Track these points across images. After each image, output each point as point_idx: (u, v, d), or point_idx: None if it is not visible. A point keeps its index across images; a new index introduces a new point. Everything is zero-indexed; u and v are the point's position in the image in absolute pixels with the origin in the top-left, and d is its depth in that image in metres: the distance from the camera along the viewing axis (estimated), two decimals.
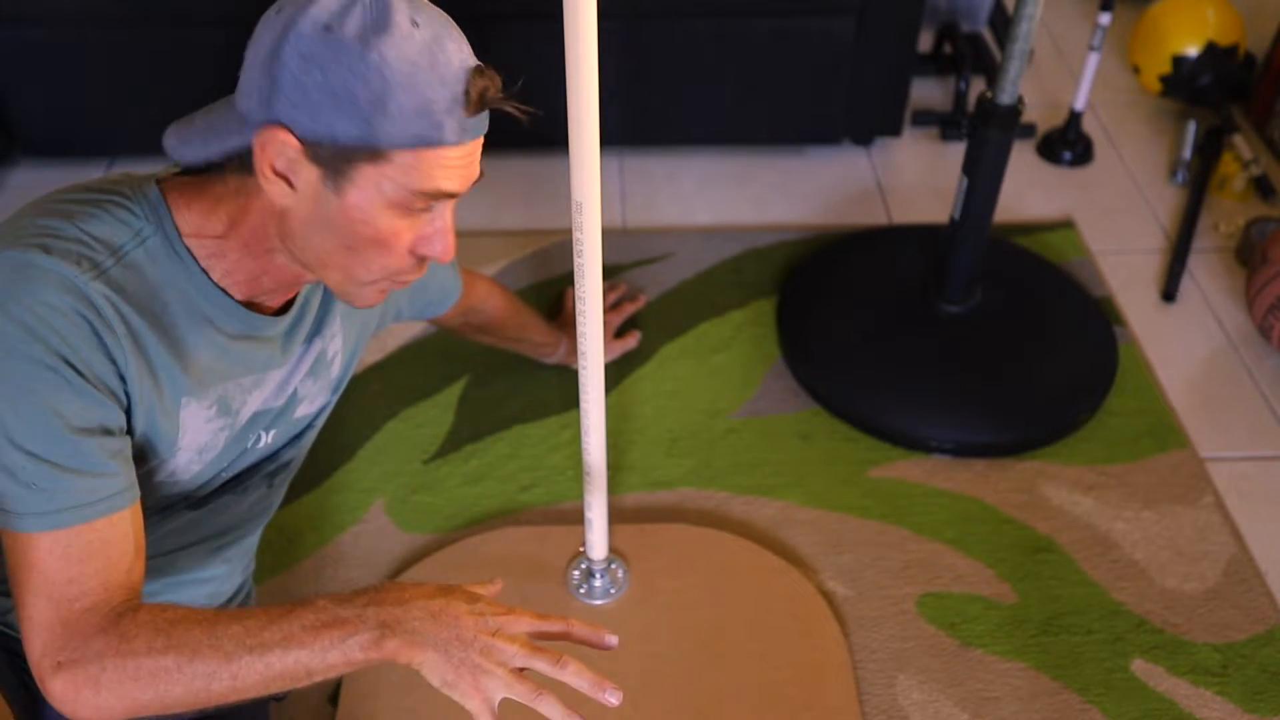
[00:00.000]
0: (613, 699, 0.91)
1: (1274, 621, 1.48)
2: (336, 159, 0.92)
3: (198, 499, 1.09)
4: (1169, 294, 1.97)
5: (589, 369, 1.24)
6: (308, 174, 0.92)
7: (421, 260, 1.00)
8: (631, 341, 1.83)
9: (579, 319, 1.19)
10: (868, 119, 2.22)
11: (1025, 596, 1.51)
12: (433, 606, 0.90)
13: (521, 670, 0.89)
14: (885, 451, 1.69)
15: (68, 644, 0.89)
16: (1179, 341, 1.89)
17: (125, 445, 0.95)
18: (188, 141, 0.96)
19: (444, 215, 0.99)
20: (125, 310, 0.93)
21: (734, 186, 2.22)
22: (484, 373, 1.79)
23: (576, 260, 1.13)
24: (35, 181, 2.15)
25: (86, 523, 0.91)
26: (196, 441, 1.04)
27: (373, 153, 0.91)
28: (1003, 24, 2.49)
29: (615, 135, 1.95)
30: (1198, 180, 2.18)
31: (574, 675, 0.90)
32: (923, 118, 2.37)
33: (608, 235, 1.46)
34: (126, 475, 0.94)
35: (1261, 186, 2.17)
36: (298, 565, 1.53)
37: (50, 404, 0.89)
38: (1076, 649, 1.45)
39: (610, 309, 1.84)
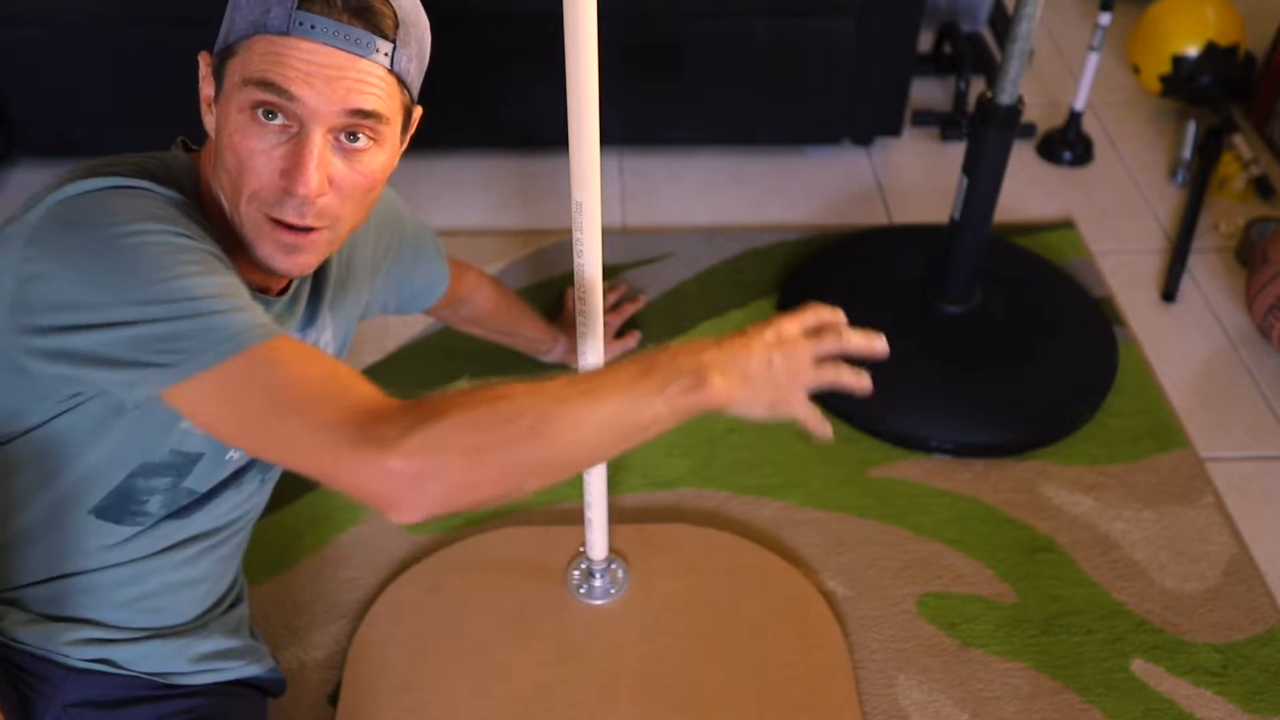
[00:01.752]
0: (881, 346, 1.01)
1: (1274, 621, 1.48)
2: (219, 69, 0.93)
3: (200, 495, 1.09)
4: (1169, 294, 1.97)
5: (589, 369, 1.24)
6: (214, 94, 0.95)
7: (288, 189, 0.92)
8: (631, 342, 1.83)
9: (579, 319, 1.19)
10: (868, 119, 2.22)
11: (1025, 596, 1.50)
12: (723, 351, 0.92)
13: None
14: (885, 451, 1.69)
15: (378, 422, 0.81)
16: (1179, 341, 1.89)
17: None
18: None
19: (305, 141, 0.90)
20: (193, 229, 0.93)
21: (734, 186, 2.22)
22: (484, 373, 1.79)
23: (576, 260, 1.13)
24: (35, 181, 2.15)
25: (282, 335, 0.87)
26: None
27: (229, 50, 0.92)
28: (1003, 24, 2.49)
29: (615, 135, 1.95)
30: (1198, 180, 2.18)
31: (852, 339, 1.00)
32: (923, 118, 2.37)
33: (608, 235, 1.46)
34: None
35: (1261, 186, 2.17)
36: (298, 565, 1.52)
37: (183, 265, 0.87)
38: (1076, 649, 1.45)
39: (610, 309, 1.84)
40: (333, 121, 0.91)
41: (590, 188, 1.07)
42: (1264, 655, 1.44)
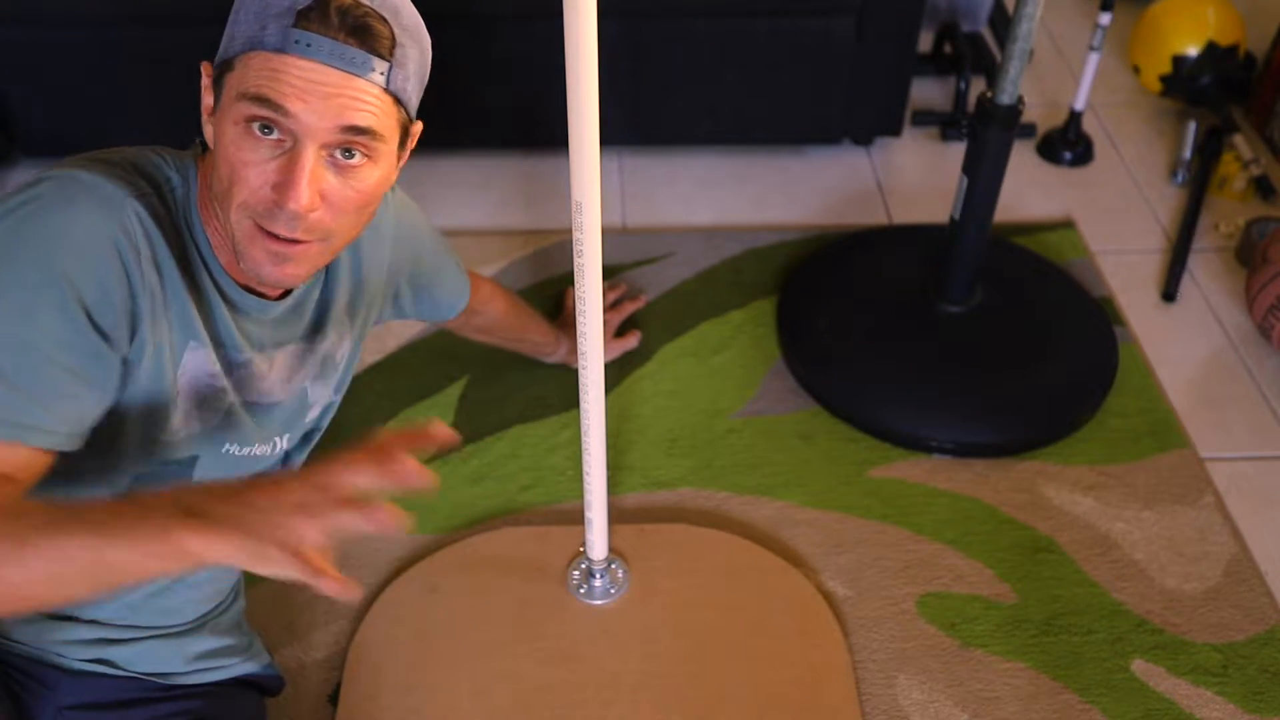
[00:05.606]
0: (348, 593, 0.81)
1: (1274, 621, 1.48)
2: (218, 82, 0.94)
3: None
4: (1169, 294, 1.97)
5: (589, 369, 1.24)
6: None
7: (279, 202, 0.92)
8: (632, 341, 1.83)
9: (579, 319, 1.19)
10: (868, 119, 2.22)
11: (1025, 596, 1.51)
12: (226, 489, 0.79)
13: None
14: (885, 451, 1.69)
15: None
16: (1179, 341, 1.89)
17: (89, 404, 0.91)
18: None
19: (298, 157, 0.91)
20: (154, 236, 0.94)
21: (734, 186, 2.22)
22: (484, 373, 1.79)
23: (576, 260, 1.13)
24: None
25: None
26: (193, 389, 1.02)
27: (227, 64, 0.93)
28: (1003, 24, 2.49)
29: (615, 135, 1.95)
30: (1198, 180, 2.18)
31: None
32: (923, 118, 2.37)
33: (608, 235, 1.46)
34: (64, 423, 0.89)
35: (1261, 186, 2.17)
36: None
37: (39, 330, 0.87)
38: (1077, 649, 1.45)
39: (610, 309, 1.84)
40: (326, 138, 0.91)
41: (590, 188, 1.07)
42: (1264, 655, 1.44)
